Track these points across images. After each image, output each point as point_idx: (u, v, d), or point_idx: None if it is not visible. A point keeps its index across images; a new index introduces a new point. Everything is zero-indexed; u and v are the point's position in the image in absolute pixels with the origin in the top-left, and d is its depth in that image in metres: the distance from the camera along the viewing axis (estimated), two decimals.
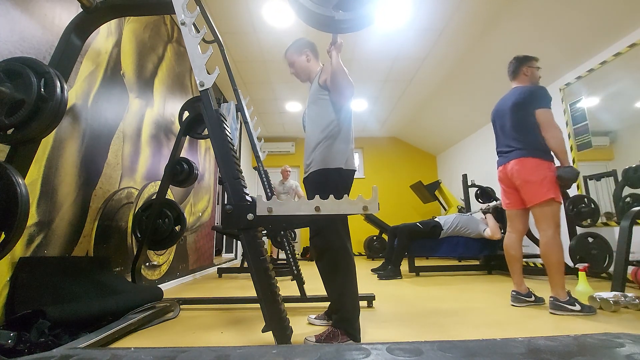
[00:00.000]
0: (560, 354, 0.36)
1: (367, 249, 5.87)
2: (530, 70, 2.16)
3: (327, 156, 1.51)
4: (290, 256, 2.19)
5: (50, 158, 1.67)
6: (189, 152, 3.58)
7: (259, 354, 0.37)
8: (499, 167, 2.19)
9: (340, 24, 1.10)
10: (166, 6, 1.42)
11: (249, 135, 2.30)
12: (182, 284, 3.25)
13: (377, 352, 0.37)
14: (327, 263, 1.48)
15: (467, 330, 1.58)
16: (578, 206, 3.07)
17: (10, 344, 1.11)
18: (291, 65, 1.75)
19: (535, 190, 1.95)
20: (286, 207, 1.05)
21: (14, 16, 1.49)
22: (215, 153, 1.24)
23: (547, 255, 1.92)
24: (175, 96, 3.32)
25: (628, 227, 2.16)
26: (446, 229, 3.82)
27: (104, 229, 2.08)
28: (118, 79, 2.32)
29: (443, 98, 5.25)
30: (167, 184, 2.18)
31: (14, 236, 1.14)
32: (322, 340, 1.37)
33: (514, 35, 3.49)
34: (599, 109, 3.37)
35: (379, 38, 3.83)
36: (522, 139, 2.03)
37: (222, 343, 1.46)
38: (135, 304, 1.73)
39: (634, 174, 2.54)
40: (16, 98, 1.18)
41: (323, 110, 1.57)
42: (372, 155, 7.61)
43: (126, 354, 0.38)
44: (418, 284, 3.12)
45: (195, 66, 1.27)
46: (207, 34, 1.81)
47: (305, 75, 1.74)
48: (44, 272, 1.53)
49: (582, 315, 1.82)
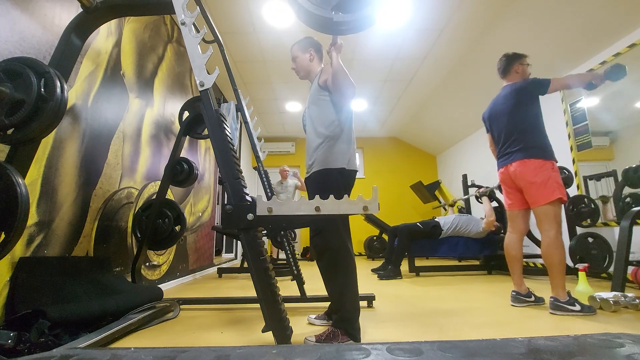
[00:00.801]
0: (560, 354, 0.36)
1: (367, 249, 5.87)
2: (521, 67, 2.16)
3: (329, 156, 1.51)
4: (290, 256, 2.19)
5: (50, 158, 1.67)
6: (189, 152, 3.58)
7: (259, 354, 0.37)
8: (500, 169, 2.18)
9: (339, 26, 1.09)
10: (166, 6, 1.42)
11: (249, 135, 2.30)
12: (182, 284, 3.25)
13: (377, 352, 0.37)
14: (328, 263, 1.48)
15: (467, 330, 1.58)
16: (578, 206, 3.07)
17: (10, 344, 1.11)
18: (293, 59, 1.76)
19: (541, 192, 1.95)
20: (286, 207, 1.05)
21: (14, 16, 1.49)
22: (215, 153, 1.24)
23: (549, 256, 1.92)
24: (175, 96, 3.32)
25: (628, 227, 2.16)
26: (446, 229, 3.81)
27: (104, 229, 2.08)
28: (118, 79, 2.32)
29: (443, 98, 5.25)
30: (167, 184, 2.18)
31: (14, 236, 1.14)
32: (322, 340, 1.37)
33: (513, 35, 3.49)
34: (599, 109, 3.37)
35: (379, 38, 3.83)
36: (523, 140, 2.03)
37: (222, 343, 1.46)
38: (135, 304, 1.73)
39: (634, 174, 2.54)
40: (16, 98, 1.18)
41: (324, 110, 1.57)
42: (372, 155, 7.61)
43: (126, 354, 0.38)
44: (418, 284, 3.12)
45: (195, 66, 1.27)
46: (207, 34, 1.81)
47: (304, 73, 1.75)
48: (44, 272, 1.53)
49: (582, 315, 1.82)
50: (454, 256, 4.07)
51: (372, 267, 4.17)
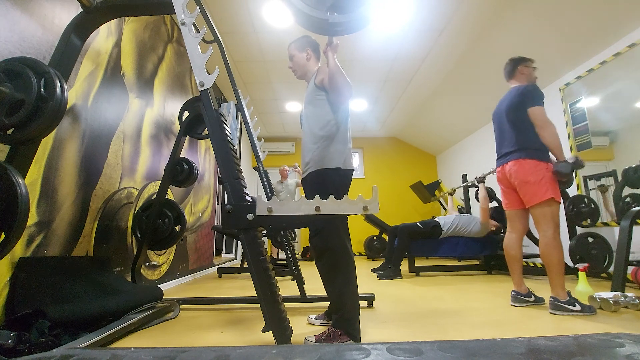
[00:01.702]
0: (560, 354, 0.36)
1: (367, 249, 5.87)
2: (526, 69, 2.17)
3: (325, 156, 1.51)
4: (290, 256, 2.19)
5: (50, 158, 1.67)
6: (189, 152, 3.58)
7: (259, 354, 0.37)
8: (497, 168, 2.20)
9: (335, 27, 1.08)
10: (166, 6, 1.42)
11: (249, 135, 2.30)
12: (182, 284, 3.25)
13: (377, 352, 0.37)
14: (327, 263, 1.48)
15: (467, 331, 1.58)
16: (578, 206, 3.07)
17: (10, 344, 1.11)
18: (290, 58, 1.76)
19: (534, 191, 1.96)
20: (286, 207, 1.05)
21: (14, 16, 1.49)
22: (215, 153, 1.24)
23: (547, 255, 1.92)
24: (175, 96, 3.32)
25: (628, 227, 2.16)
26: (446, 229, 3.82)
27: (104, 229, 2.08)
28: (118, 79, 2.32)
29: (443, 98, 5.25)
30: (167, 184, 2.18)
31: (14, 236, 1.14)
32: (322, 340, 1.37)
33: (513, 36, 3.49)
34: (598, 109, 3.36)
35: (379, 38, 3.83)
36: (519, 140, 2.04)
37: (222, 343, 1.46)
38: (135, 304, 1.73)
39: (634, 174, 2.54)
40: (16, 98, 1.18)
41: (320, 110, 1.57)
42: (372, 155, 7.61)
43: (126, 354, 0.38)
44: (418, 284, 3.12)
45: (195, 66, 1.27)
46: (207, 34, 1.81)
47: (301, 72, 1.75)
48: (44, 272, 1.53)
49: (582, 315, 1.82)
50: (454, 256, 4.07)
51: (372, 267, 4.17)
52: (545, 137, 1.99)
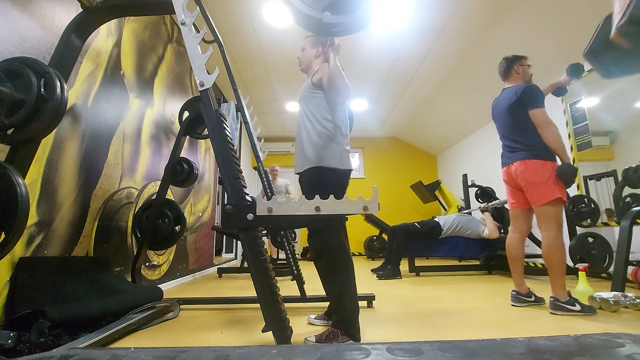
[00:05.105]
0: (560, 354, 0.36)
1: (367, 249, 5.87)
2: (521, 68, 2.17)
3: (323, 155, 1.51)
4: (290, 256, 2.19)
5: (50, 158, 1.67)
6: (189, 152, 3.58)
7: (259, 354, 0.37)
8: (502, 168, 2.19)
9: (330, 27, 1.06)
10: (166, 6, 1.42)
11: (249, 135, 2.30)
12: (182, 284, 3.25)
13: (377, 352, 0.37)
14: (326, 263, 1.48)
15: (467, 331, 1.58)
16: (578, 206, 3.07)
17: (10, 344, 1.11)
18: (302, 49, 1.76)
19: (541, 191, 1.95)
20: (286, 207, 1.05)
21: (14, 16, 1.49)
22: (215, 153, 1.24)
23: (550, 256, 1.92)
24: (175, 96, 3.32)
25: (628, 227, 2.16)
26: (446, 229, 3.81)
27: (104, 229, 2.08)
28: (118, 79, 2.32)
29: (443, 98, 5.25)
30: (167, 184, 2.18)
31: (14, 236, 1.14)
32: (322, 340, 1.37)
33: (513, 35, 3.49)
34: (599, 109, 3.36)
35: (379, 38, 3.83)
36: (523, 140, 2.03)
37: (222, 343, 1.46)
38: (135, 304, 1.73)
39: (634, 174, 2.54)
40: (16, 98, 1.18)
41: (317, 109, 1.57)
42: (372, 155, 7.61)
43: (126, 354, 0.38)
44: (418, 284, 3.12)
45: (195, 66, 1.27)
46: (207, 34, 1.81)
47: (305, 66, 1.75)
48: (44, 272, 1.53)
49: (582, 315, 1.82)
50: (454, 256, 4.07)
51: (372, 267, 4.17)
52: (547, 138, 1.98)
